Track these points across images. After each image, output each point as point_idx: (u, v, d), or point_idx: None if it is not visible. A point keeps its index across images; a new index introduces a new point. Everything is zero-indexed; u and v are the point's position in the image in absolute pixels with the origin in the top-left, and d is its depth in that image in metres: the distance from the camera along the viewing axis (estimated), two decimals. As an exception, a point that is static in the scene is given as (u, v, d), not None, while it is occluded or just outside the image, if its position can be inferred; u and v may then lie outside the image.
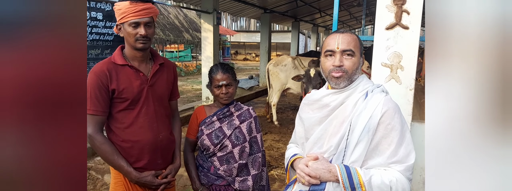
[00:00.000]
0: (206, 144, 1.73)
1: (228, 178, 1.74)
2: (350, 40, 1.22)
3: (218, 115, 1.77)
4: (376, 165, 1.17)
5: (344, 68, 1.20)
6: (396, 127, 1.16)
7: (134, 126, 1.53)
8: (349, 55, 1.21)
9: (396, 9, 2.08)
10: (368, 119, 1.16)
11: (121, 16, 1.46)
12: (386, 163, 1.16)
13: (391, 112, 1.17)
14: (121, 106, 1.52)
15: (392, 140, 1.16)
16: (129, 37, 1.48)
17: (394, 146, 1.15)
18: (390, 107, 1.18)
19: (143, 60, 1.58)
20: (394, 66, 2.13)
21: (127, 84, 1.50)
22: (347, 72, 1.20)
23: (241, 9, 9.40)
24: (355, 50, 1.22)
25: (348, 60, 1.21)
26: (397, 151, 1.16)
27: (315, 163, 1.19)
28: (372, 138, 1.17)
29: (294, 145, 1.46)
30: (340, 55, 1.20)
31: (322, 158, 1.21)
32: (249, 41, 25.52)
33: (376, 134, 1.17)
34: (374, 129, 1.16)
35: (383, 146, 1.17)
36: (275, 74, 5.19)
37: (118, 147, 1.53)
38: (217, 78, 1.73)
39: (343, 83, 1.21)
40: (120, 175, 1.56)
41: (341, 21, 14.80)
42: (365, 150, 1.17)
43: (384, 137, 1.16)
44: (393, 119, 1.17)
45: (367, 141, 1.16)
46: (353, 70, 1.21)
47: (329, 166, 1.17)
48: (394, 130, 1.16)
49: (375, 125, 1.16)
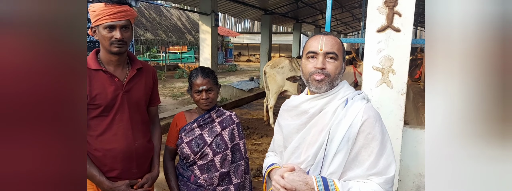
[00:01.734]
0: (186, 152, 1.66)
1: (209, 187, 1.67)
2: (333, 43, 1.16)
3: (199, 122, 1.71)
4: (355, 177, 1.11)
5: (326, 72, 1.14)
6: (376, 136, 1.10)
7: (107, 134, 1.47)
8: (332, 58, 1.15)
9: (388, 11, 2.00)
10: (348, 128, 1.10)
11: (96, 18, 1.39)
12: (366, 175, 1.10)
13: (372, 120, 1.11)
14: (94, 113, 1.45)
15: (372, 151, 1.10)
16: (104, 40, 1.41)
17: (374, 157, 1.09)
18: (371, 115, 1.12)
19: (119, 64, 1.51)
20: (385, 70, 2.06)
21: (100, 90, 1.44)
22: (330, 76, 1.14)
23: (241, 10, 9.36)
24: (338, 54, 1.16)
25: (331, 63, 1.15)
26: (377, 162, 1.10)
27: (291, 174, 1.13)
28: (352, 148, 1.10)
29: (272, 154, 1.40)
30: (323, 58, 1.14)
31: (299, 169, 1.14)
32: (252, 42, 25.50)
33: (355, 144, 1.10)
34: (353, 139, 1.10)
35: (362, 156, 1.11)
36: (272, 76, 5.12)
37: (90, 155, 1.47)
38: (197, 83, 1.67)
39: (324, 87, 1.15)
40: (93, 185, 1.50)
41: (344, 22, 14.71)
42: (344, 161, 1.10)
43: (364, 147, 1.10)
44: (373, 128, 1.10)
45: (346, 151, 1.10)
46: (335, 74, 1.15)
47: (305, 178, 1.10)
48: (374, 140, 1.10)
49: (354, 134, 1.10)
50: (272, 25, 10.61)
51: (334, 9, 10.78)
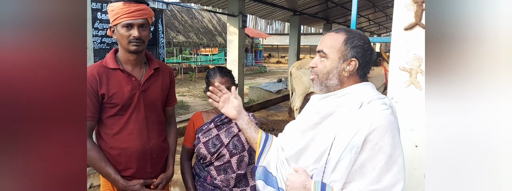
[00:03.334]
0: (203, 152, 1.65)
1: (225, 188, 1.65)
2: (330, 41, 1.09)
3: (216, 122, 1.69)
4: (355, 190, 1.00)
5: (315, 70, 1.11)
6: (384, 148, 0.97)
7: (123, 133, 1.49)
8: (322, 57, 1.10)
9: (416, 7, 1.88)
10: (354, 135, 0.99)
11: (114, 17, 1.41)
12: (366, 190, 0.98)
13: (382, 130, 0.98)
14: (111, 112, 1.48)
15: (377, 164, 0.98)
16: (122, 39, 1.42)
17: (378, 171, 0.98)
18: (382, 125, 0.98)
19: (137, 64, 1.53)
20: (413, 70, 1.93)
21: (118, 89, 1.46)
22: (318, 75, 1.11)
23: (269, 11, 9.33)
24: (328, 52, 1.07)
25: (321, 62, 1.10)
26: (381, 178, 0.98)
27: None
28: (357, 158, 1.00)
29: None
30: (318, 57, 1.11)
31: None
32: (282, 44, 25.40)
33: (361, 154, 0.99)
34: (358, 147, 0.99)
35: (367, 168, 0.99)
36: (298, 77, 5.04)
37: (106, 154, 1.49)
38: (214, 83, 1.65)
39: (317, 86, 1.12)
40: (108, 183, 1.52)
41: (377, 22, 14.23)
42: (348, 170, 1.01)
43: (369, 159, 0.99)
44: (382, 139, 0.98)
45: (350, 160, 1.00)
46: (323, 74, 1.09)
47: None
48: (381, 152, 0.98)
49: (359, 143, 0.98)
50: (301, 26, 10.49)
51: (366, 9, 10.44)
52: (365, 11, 10.73)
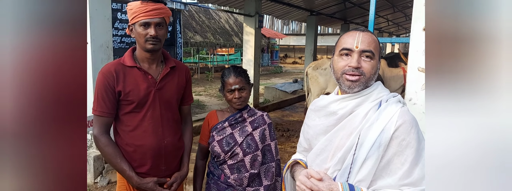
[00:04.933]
0: (217, 150, 1.66)
1: (238, 187, 1.66)
2: (371, 41, 1.07)
3: (230, 121, 1.70)
4: (386, 187, 1.01)
5: (361, 71, 1.05)
6: (411, 143, 1.00)
7: (138, 130, 1.51)
8: (369, 57, 1.06)
9: (436, 6, 1.84)
10: (380, 133, 1.01)
11: (132, 16, 1.44)
12: (397, 185, 1.00)
13: (407, 126, 1.01)
14: (127, 108, 1.51)
15: (406, 159, 1.00)
16: (139, 37, 1.45)
17: (408, 166, 0.99)
18: (406, 120, 1.02)
19: (154, 62, 1.55)
20: (432, 71, 1.89)
21: (134, 86, 1.49)
22: (365, 76, 1.06)
23: (286, 11, 9.30)
24: (375, 52, 1.07)
25: (367, 62, 1.06)
26: (412, 172, 1.00)
27: (318, 182, 1.06)
28: (383, 155, 1.01)
29: (298, 154, 1.34)
30: (358, 56, 1.06)
31: (326, 178, 1.07)
32: (299, 44, 25.28)
33: (388, 150, 1.01)
34: (386, 145, 1.00)
35: (395, 164, 1.01)
36: (314, 78, 5.00)
37: (122, 150, 1.52)
38: (229, 82, 1.66)
39: (357, 88, 1.06)
40: (124, 179, 1.55)
41: (396, 23, 13.95)
42: (374, 168, 1.01)
43: (397, 155, 1.01)
44: (408, 134, 1.00)
45: (376, 158, 1.01)
46: (371, 74, 1.07)
47: (330, 184, 1.03)
48: (409, 147, 1.00)
49: (387, 140, 1.00)
50: (317, 26, 10.40)
51: (385, 9, 10.24)
52: (384, 11, 10.53)
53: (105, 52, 3.28)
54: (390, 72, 4.70)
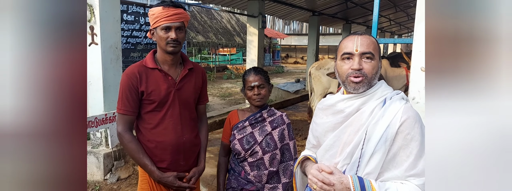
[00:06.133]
0: (237, 148, 1.75)
1: (257, 184, 1.74)
2: (369, 43, 1.15)
3: (250, 120, 1.78)
4: (393, 178, 1.10)
5: (363, 72, 1.13)
6: (416, 137, 1.08)
7: (159, 127, 1.61)
8: (369, 58, 1.14)
9: (439, 8, 1.90)
10: (386, 128, 1.09)
11: (154, 20, 1.53)
12: (404, 176, 1.08)
13: (411, 120, 1.09)
14: (149, 107, 1.60)
15: (411, 151, 1.08)
16: (161, 41, 1.54)
17: (413, 158, 1.08)
18: (410, 116, 1.10)
19: (173, 64, 1.64)
20: (435, 71, 1.95)
21: (155, 87, 1.58)
22: (367, 77, 1.14)
23: (288, 12, 9.37)
24: (374, 53, 1.15)
25: (368, 63, 1.14)
26: (416, 164, 1.08)
27: (329, 175, 1.14)
28: (390, 149, 1.09)
29: (307, 150, 1.41)
30: (359, 58, 1.14)
31: (336, 171, 1.15)
32: (300, 44, 25.33)
33: (394, 144, 1.09)
34: (392, 139, 1.09)
35: (401, 157, 1.09)
36: (317, 78, 5.07)
37: (144, 146, 1.62)
38: (249, 80, 1.75)
39: (362, 88, 1.14)
40: (146, 173, 1.64)
41: (398, 22, 13.99)
42: (381, 161, 1.10)
43: (402, 148, 1.09)
44: (413, 129, 1.09)
45: (383, 152, 1.09)
46: (372, 74, 1.15)
47: (341, 177, 1.11)
48: (413, 140, 1.08)
49: (393, 135, 1.09)
50: (319, 26, 10.46)
51: (387, 9, 10.29)
52: (386, 11, 10.58)
53: (114, 52, 3.36)
54: (392, 72, 4.76)
